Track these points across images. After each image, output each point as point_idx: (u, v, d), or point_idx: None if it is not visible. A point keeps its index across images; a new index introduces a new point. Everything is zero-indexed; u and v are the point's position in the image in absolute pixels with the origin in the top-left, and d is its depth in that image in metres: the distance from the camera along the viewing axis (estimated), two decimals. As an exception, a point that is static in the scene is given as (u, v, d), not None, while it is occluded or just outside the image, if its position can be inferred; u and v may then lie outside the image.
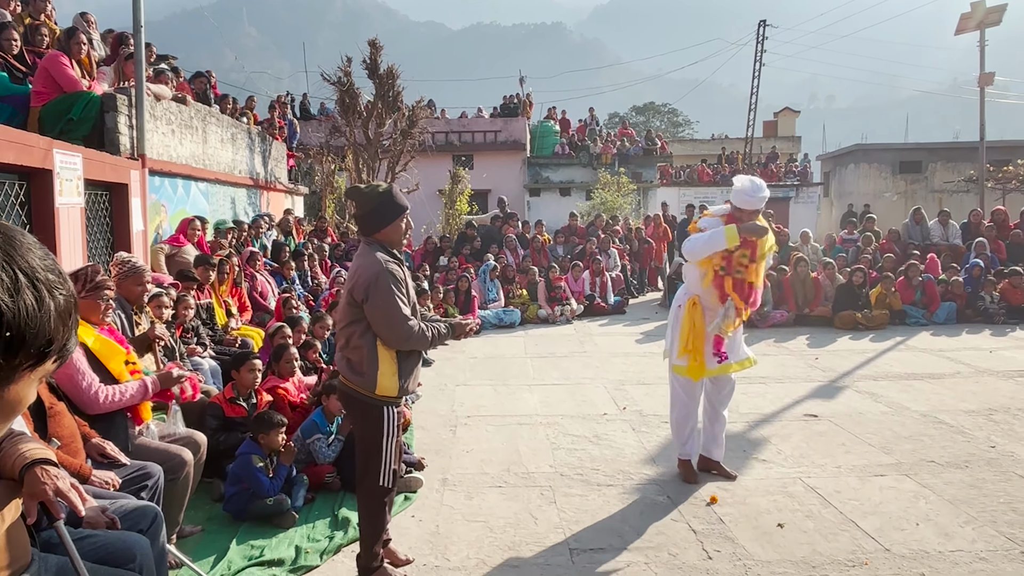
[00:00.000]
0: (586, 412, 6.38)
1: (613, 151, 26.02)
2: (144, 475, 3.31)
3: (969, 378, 7.38)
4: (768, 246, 4.65)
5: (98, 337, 3.60)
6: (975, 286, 11.15)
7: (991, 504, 4.24)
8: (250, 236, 10.11)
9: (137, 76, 7.32)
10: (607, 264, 13.20)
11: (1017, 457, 5.03)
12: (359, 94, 15.87)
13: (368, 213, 3.36)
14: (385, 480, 3.34)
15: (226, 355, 5.98)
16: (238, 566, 3.61)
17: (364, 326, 3.27)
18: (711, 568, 3.57)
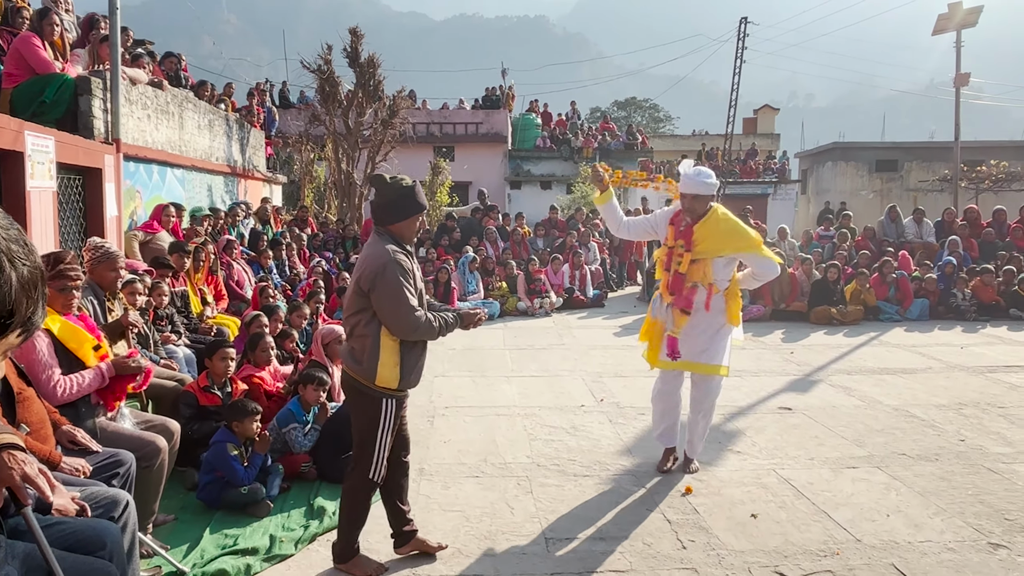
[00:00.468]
0: (564, 404, 6.39)
1: (594, 145, 26.06)
2: (116, 462, 3.26)
3: (940, 373, 7.50)
4: (727, 246, 4.45)
5: (64, 323, 3.54)
6: (947, 283, 11.33)
7: (959, 496, 4.32)
8: (226, 224, 10.00)
9: (112, 59, 7.19)
10: (587, 258, 13.24)
11: (985, 450, 5.12)
12: (339, 83, 15.72)
13: (388, 203, 3.33)
14: (375, 474, 3.32)
15: (201, 343, 5.92)
16: (211, 555, 3.58)
17: (369, 315, 3.24)
18: (685, 558, 3.60)
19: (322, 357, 5.41)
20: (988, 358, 8.23)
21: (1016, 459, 4.93)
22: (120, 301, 4.85)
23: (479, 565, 3.52)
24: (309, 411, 4.78)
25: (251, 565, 3.49)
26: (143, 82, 8.61)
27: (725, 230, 4.43)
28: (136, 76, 8.38)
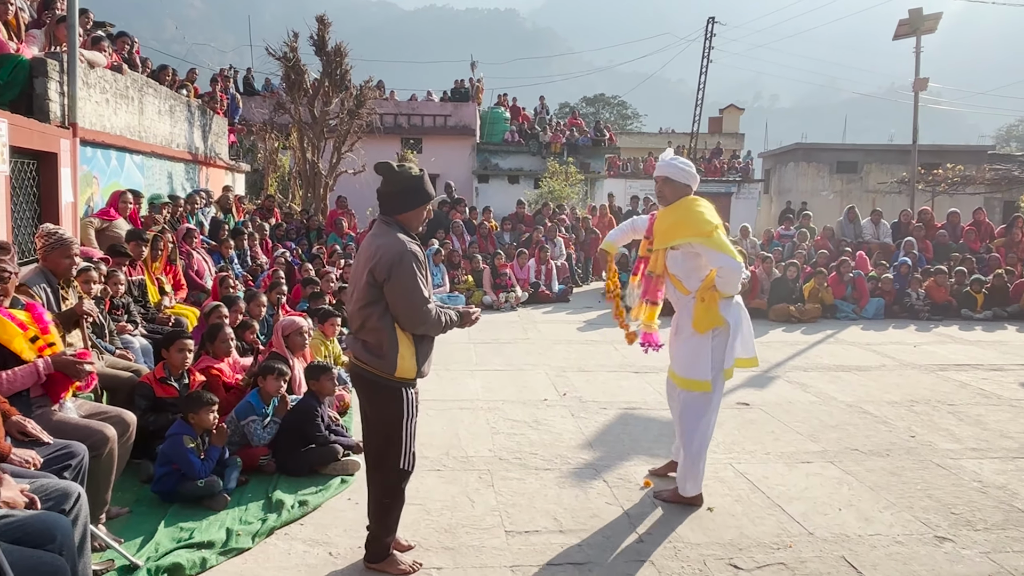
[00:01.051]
0: (527, 398, 6.41)
1: (562, 141, 26.12)
2: (67, 454, 3.20)
3: (893, 371, 7.68)
4: (681, 234, 4.06)
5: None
6: (902, 283, 11.61)
7: (909, 491, 4.43)
8: (186, 212, 9.82)
9: (70, 41, 7.00)
10: (553, 253, 13.27)
11: (935, 447, 5.26)
12: (305, 71, 15.52)
13: (397, 193, 3.27)
14: (406, 462, 3.31)
15: (158, 334, 5.82)
16: (166, 548, 3.52)
17: (383, 308, 3.19)
18: (642, 550, 3.64)
19: (283, 349, 5.35)
20: (939, 357, 8.44)
21: (963, 455, 5.07)
22: (74, 289, 4.74)
23: (438, 558, 3.53)
24: (269, 403, 4.73)
25: (207, 559, 3.44)
26: (102, 65, 8.40)
27: (679, 218, 4.07)
28: (95, 59, 8.17)
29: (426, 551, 3.59)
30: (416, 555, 3.52)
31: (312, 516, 4.01)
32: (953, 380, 7.28)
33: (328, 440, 4.63)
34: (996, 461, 4.96)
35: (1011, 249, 13.08)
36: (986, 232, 13.82)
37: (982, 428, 5.70)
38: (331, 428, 4.79)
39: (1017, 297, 11.38)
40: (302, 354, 5.54)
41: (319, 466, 4.52)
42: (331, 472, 4.52)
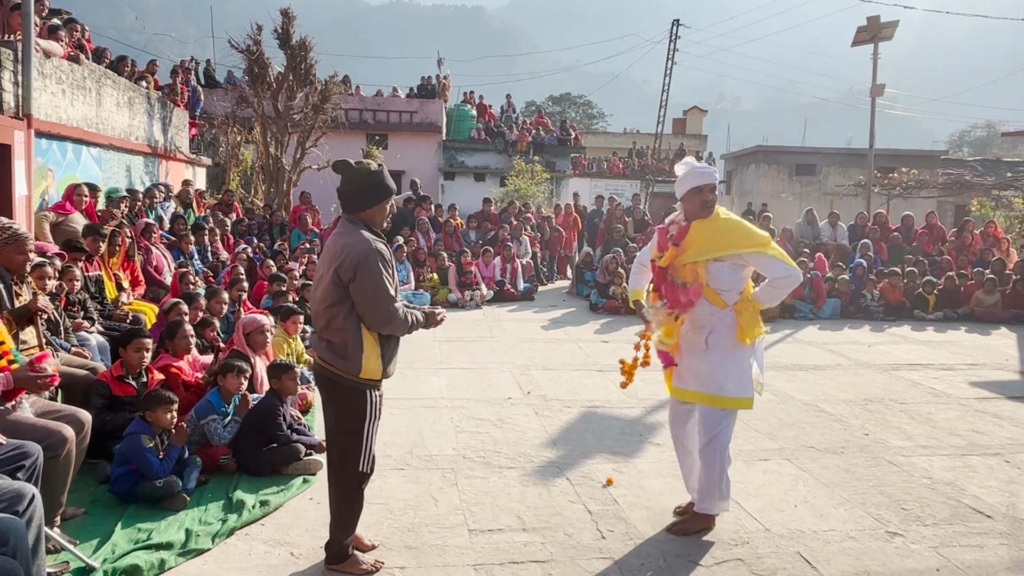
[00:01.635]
0: (491, 396, 6.42)
1: (529, 139, 26.16)
2: (21, 454, 3.12)
3: (849, 370, 7.84)
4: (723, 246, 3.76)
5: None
6: (858, 284, 11.87)
7: (862, 487, 4.54)
8: (144, 207, 9.62)
9: (25, 29, 6.82)
10: (518, 251, 13.31)
11: (888, 444, 5.39)
12: (269, 64, 15.28)
13: (357, 190, 3.22)
14: (365, 465, 3.27)
15: (115, 331, 5.69)
16: (123, 550, 3.46)
17: (348, 307, 3.14)
18: (604, 547, 3.68)
19: (244, 347, 5.29)
20: (893, 356, 8.66)
21: (914, 452, 5.21)
22: (28, 285, 4.61)
23: (401, 557, 3.52)
24: (229, 402, 4.67)
25: (165, 560, 3.39)
26: (58, 55, 8.19)
27: (725, 228, 3.79)
28: (51, 48, 7.96)
29: (389, 550, 3.58)
30: (379, 555, 3.51)
31: (274, 516, 3.97)
32: (905, 379, 7.47)
33: (290, 439, 4.59)
34: (945, 458, 5.11)
35: (962, 252, 13.49)
36: (938, 235, 14.23)
37: (932, 426, 5.86)
38: (293, 427, 4.74)
39: (967, 299, 11.73)
40: (264, 352, 5.48)
41: (281, 465, 4.47)
42: (293, 472, 4.48)
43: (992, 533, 3.94)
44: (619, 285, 11.46)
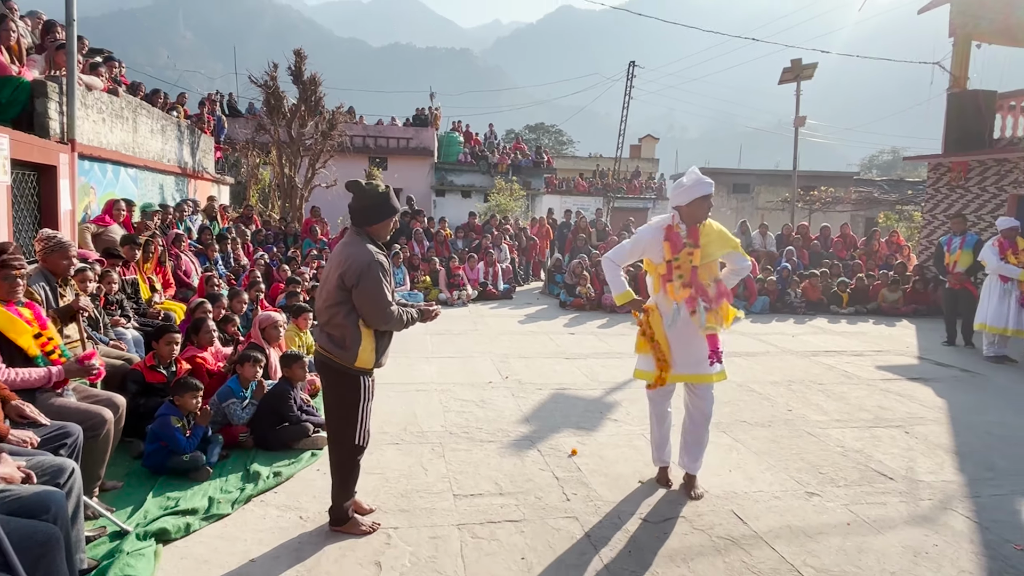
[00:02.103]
0: (474, 381, 6.41)
1: (508, 162, 26.20)
2: (63, 434, 3.06)
3: (775, 356, 7.92)
4: (721, 247, 3.85)
5: (4, 314, 3.27)
6: (784, 284, 11.99)
7: (786, 455, 4.58)
8: (175, 219, 9.48)
9: (68, 66, 6.69)
10: (499, 257, 13.28)
11: (807, 419, 5.44)
12: (284, 97, 15.14)
13: (365, 208, 3.20)
14: (361, 439, 3.26)
15: (149, 327, 5.60)
16: (154, 515, 3.41)
17: (349, 307, 3.13)
18: (569, 508, 3.69)
19: (260, 340, 5.23)
20: (812, 344, 8.75)
21: (829, 425, 5.27)
22: (72, 287, 4.53)
23: (395, 519, 3.51)
24: (247, 387, 4.62)
25: (191, 524, 3.34)
26: (99, 89, 8.05)
27: (719, 232, 3.87)
28: (92, 83, 7.82)
29: (385, 513, 3.56)
30: (376, 517, 3.49)
31: (285, 485, 3.93)
32: (823, 364, 7.56)
33: (300, 419, 4.55)
34: (855, 430, 5.17)
35: (871, 257, 13.69)
36: (851, 243, 14.42)
37: (845, 403, 5.93)
38: (303, 409, 4.70)
39: (875, 296, 11.91)
40: (277, 344, 5.42)
41: (292, 442, 4.43)
42: (302, 447, 4.44)
43: (894, 492, 4.00)
44: (584, 286, 11.49)
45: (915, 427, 5.27)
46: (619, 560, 3.16)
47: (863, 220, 26.17)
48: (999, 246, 7.90)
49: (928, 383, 6.75)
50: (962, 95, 12.62)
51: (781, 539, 3.38)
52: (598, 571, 3.06)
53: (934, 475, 4.28)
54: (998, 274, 7.87)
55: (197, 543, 3.22)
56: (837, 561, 3.18)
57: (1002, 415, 5.70)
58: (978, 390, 6.56)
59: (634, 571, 3.06)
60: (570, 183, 29.92)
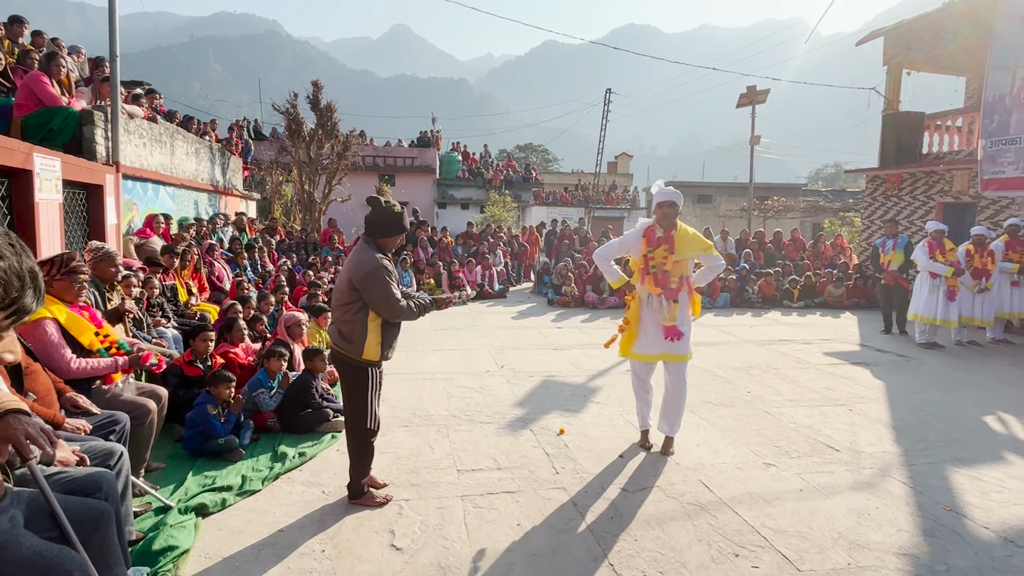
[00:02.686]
0: (474, 370, 6.40)
1: (501, 177, 26.17)
2: (112, 422, 3.05)
3: (736, 345, 7.93)
4: (694, 248, 4.02)
5: (69, 314, 3.26)
6: (743, 282, 12.05)
7: (746, 431, 4.59)
8: (208, 231, 9.43)
9: (112, 96, 6.64)
10: (494, 261, 13.28)
11: (765, 399, 5.45)
12: (303, 123, 15.08)
13: (381, 222, 3.19)
14: (371, 423, 3.24)
15: (187, 326, 5.57)
16: (194, 492, 3.39)
17: (359, 306, 3.13)
18: (558, 480, 3.69)
19: (285, 337, 5.22)
20: (768, 334, 8.78)
21: (784, 405, 5.28)
22: (118, 292, 4.51)
23: (406, 492, 3.50)
24: (274, 379, 4.60)
25: (226, 499, 3.33)
26: (140, 117, 7.99)
27: (692, 235, 4.04)
28: (133, 112, 7.77)
29: (397, 487, 3.56)
30: (389, 491, 3.49)
31: (309, 464, 3.92)
32: (777, 351, 7.58)
33: (321, 406, 4.54)
34: (806, 408, 5.19)
35: (817, 257, 13.76)
36: (800, 246, 14.49)
37: (797, 385, 5.95)
38: (323, 396, 4.69)
39: (821, 292, 11.97)
40: (300, 340, 5.41)
41: (314, 425, 4.42)
42: (324, 430, 4.43)
43: (839, 463, 4.02)
44: (569, 286, 11.49)
45: (857, 405, 5.30)
46: (602, 524, 3.17)
47: (811, 225, 26.31)
48: (929, 247, 7.96)
49: (868, 367, 6.79)
50: (895, 116, 12.72)
51: (743, 504, 3.39)
52: (584, 534, 3.07)
53: (874, 447, 4.31)
54: (928, 271, 7.94)
55: (232, 516, 3.21)
56: (792, 523, 3.20)
57: (933, 394, 5.75)
58: (912, 373, 6.61)
59: (615, 534, 3.07)
60: (555, 196, 29.91)
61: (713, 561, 2.83)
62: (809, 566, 2.80)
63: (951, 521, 3.26)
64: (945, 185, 11.66)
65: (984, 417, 5.05)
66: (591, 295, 11.27)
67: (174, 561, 2.72)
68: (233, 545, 2.92)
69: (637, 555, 2.88)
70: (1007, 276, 8.15)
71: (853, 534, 3.09)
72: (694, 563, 2.82)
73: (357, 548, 2.91)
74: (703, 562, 2.82)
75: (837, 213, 25.33)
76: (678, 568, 2.77)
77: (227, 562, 2.78)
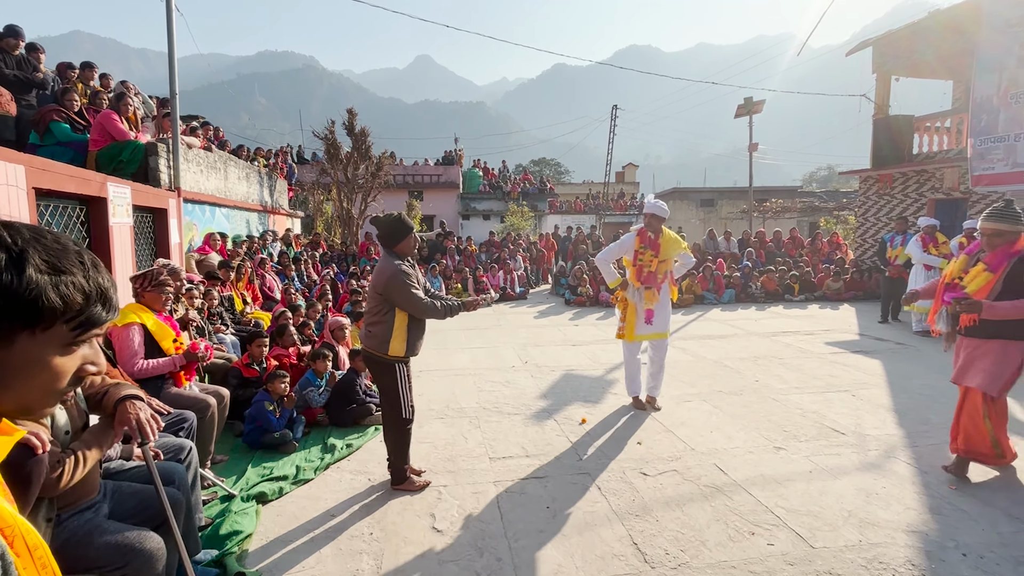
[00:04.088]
0: (500, 365, 6.39)
1: (519, 190, 26.14)
2: (181, 419, 3.10)
3: (742, 338, 7.80)
4: (675, 249, 4.62)
5: (156, 321, 3.35)
6: (746, 279, 11.85)
7: (756, 418, 4.50)
8: (259, 246, 9.59)
9: (173, 130, 6.80)
10: (514, 266, 13.26)
11: (772, 387, 5.34)
12: (340, 147, 15.28)
13: (387, 234, 3.23)
14: (406, 412, 3.26)
15: (243, 332, 5.66)
16: (254, 482, 3.44)
17: (386, 308, 3.16)
18: (581, 466, 3.66)
19: (330, 340, 5.27)
20: (772, 327, 8.62)
21: (790, 392, 5.17)
22: (182, 303, 4.60)
23: (444, 479, 3.50)
24: (322, 378, 4.64)
25: (283, 487, 3.37)
26: (197, 147, 8.17)
27: (672, 240, 4.62)
28: (191, 142, 7.94)
29: (435, 474, 3.56)
30: (427, 477, 3.49)
31: (356, 454, 3.95)
32: (781, 342, 7.44)
33: (364, 401, 4.57)
34: (811, 395, 5.07)
35: (815, 254, 13.46)
36: (798, 243, 14.20)
37: (801, 373, 5.82)
38: (367, 393, 4.71)
39: (820, 285, 11.71)
40: (344, 342, 5.45)
41: (359, 419, 4.45)
42: (368, 423, 4.46)
43: (846, 445, 3.91)
44: (584, 286, 11.42)
45: (860, 391, 5.16)
46: (624, 506, 3.12)
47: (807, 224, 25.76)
48: (922, 241, 7.73)
49: (869, 355, 6.61)
50: (885, 120, 12.38)
51: (756, 485, 3.32)
52: (608, 515, 3.03)
53: (878, 430, 4.19)
54: (923, 263, 7.69)
55: (289, 503, 3.25)
56: (803, 502, 3.12)
57: (931, 379, 5.56)
58: (910, 359, 6.41)
59: (637, 515, 3.02)
60: (569, 204, 29.75)
61: (731, 540, 2.77)
62: (822, 543, 2.72)
63: (957, 499, 3.14)
64: (936, 182, 11.30)
65: (983, 400, 4.86)
66: (605, 294, 11.18)
67: (239, 544, 2.76)
68: (290, 529, 2.95)
69: (659, 534, 2.83)
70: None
71: (863, 512, 3.00)
72: (713, 541, 2.75)
73: (402, 530, 2.91)
74: (721, 540, 2.76)
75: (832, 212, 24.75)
76: (698, 546, 2.72)
77: (285, 544, 2.81)
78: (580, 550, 2.71)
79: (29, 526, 0.65)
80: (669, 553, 2.67)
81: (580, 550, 2.71)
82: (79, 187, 4.58)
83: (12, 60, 5.93)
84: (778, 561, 2.59)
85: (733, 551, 2.67)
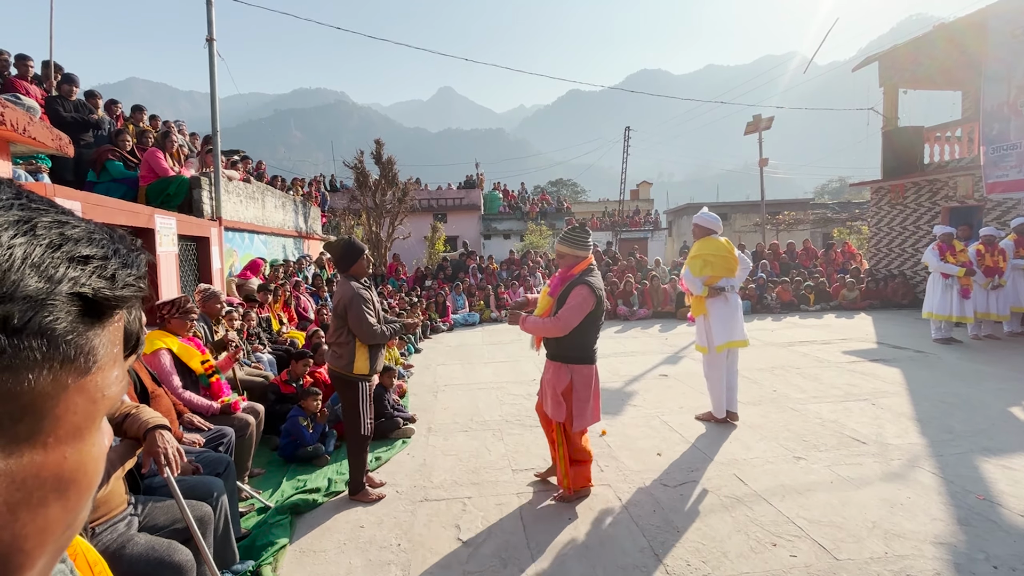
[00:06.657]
0: (522, 379, 6.34)
1: (537, 210, 26.24)
2: (220, 435, 3.15)
3: (759, 348, 7.61)
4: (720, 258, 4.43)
5: (180, 344, 3.42)
6: (761, 290, 11.60)
7: (774, 428, 4.36)
8: (295, 270, 9.79)
9: (215, 164, 7.04)
10: (534, 282, 13.24)
11: (790, 397, 5.18)
12: (369, 175, 15.60)
13: (339, 258, 3.28)
14: (364, 430, 3.27)
15: (280, 351, 5.75)
16: (288, 494, 3.45)
17: (346, 330, 3.20)
18: (603, 477, 3.58)
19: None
20: (788, 336, 8.41)
21: (808, 402, 5.01)
22: (223, 325, 4.70)
23: (468, 490, 3.46)
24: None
25: (316, 499, 3.37)
26: (237, 179, 8.44)
27: (716, 246, 4.48)
28: (231, 175, 8.21)
29: (460, 486, 3.52)
30: (451, 490, 3.46)
31: (384, 467, 3.93)
32: (798, 352, 7.24)
33: (392, 415, 4.57)
34: (829, 404, 4.91)
35: (829, 264, 13.12)
36: (812, 254, 13.87)
37: (819, 383, 5.64)
38: (394, 407, 4.72)
39: (836, 295, 11.39)
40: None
41: (387, 432, 4.45)
42: (395, 436, 4.45)
43: (867, 455, 3.75)
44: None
45: (880, 400, 4.96)
46: (646, 516, 3.03)
47: (820, 236, 25.17)
48: (939, 249, 7.46)
49: (887, 363, 6.36)
50: (895, 132, 12.09)
51: (777, 496, 3.19)
52: (629, 526, 2.94)
53: (901, 439, 4.00)
54: (940, 272, 7.42)
55: (321, 514, 3.24)
56: (825, 513, 2.98)
57: (954, 387, 5.32)
58: (931, 367, 6.15)
59: (658, 526, 2.93)
60: (585, 223, 29.74)
61: (752, 551, 2.66)
62: (847, 555, 2.59)
63: (986, 510, 2.96)
64: (949, 191, 10.94)
65: (1009, 408, 4.62)
66: (622, 308, 11.06)
67: (274, 554, 2.76)
68: (323, 540, 2.94)
69: (680, 545, 2.74)
70: (1021, 272, 7.54)
71: (887, 523, 2.85)
72: (734, 552, 2.65)
73: (428, 541, 2.88)
74: (742, 551, 2.65)
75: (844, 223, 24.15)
76: (719, 557, 2.62)
77: (318, 555, 2.80)
78: (602, 561, 2.63)
79: (88, 544, 0.66)
80: (691, 564, 2.57)
81: (602, 561, 2.63)
82: (129, 219, 4.75)
83: (70, 104, 6.24)
84: (801, 573, 2.47)
85: (755, 562, 2.56)
